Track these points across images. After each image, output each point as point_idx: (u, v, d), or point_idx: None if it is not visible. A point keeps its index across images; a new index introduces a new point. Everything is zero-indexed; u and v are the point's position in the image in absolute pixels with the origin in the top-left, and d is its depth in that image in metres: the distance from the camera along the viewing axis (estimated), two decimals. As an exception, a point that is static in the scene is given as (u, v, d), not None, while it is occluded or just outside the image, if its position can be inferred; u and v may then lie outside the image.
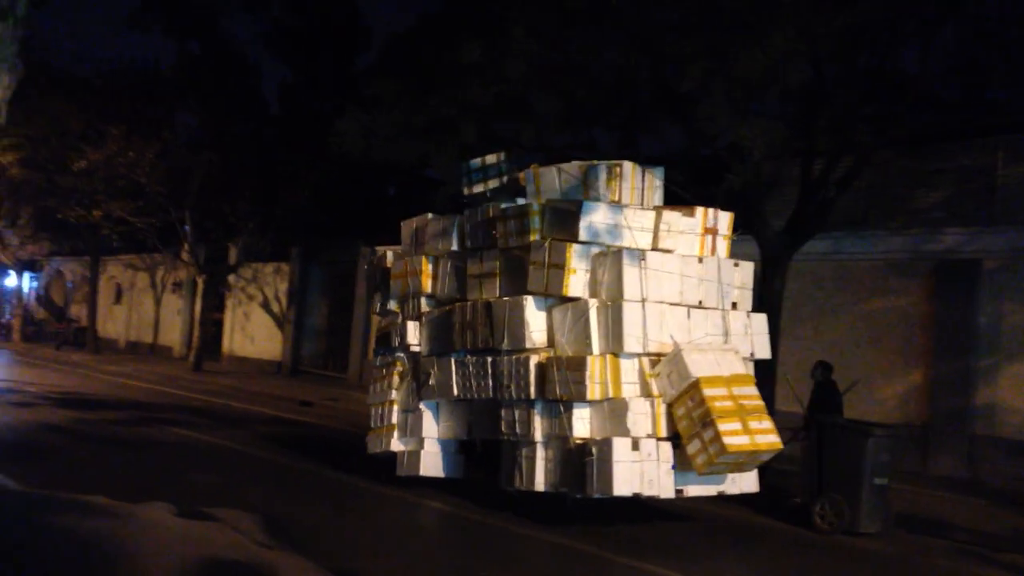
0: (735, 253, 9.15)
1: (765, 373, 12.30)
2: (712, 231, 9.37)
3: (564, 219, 8.74)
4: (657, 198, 9.50)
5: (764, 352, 9.38)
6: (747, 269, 9.51)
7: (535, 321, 8.71)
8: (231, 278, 28.54)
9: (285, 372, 26.08)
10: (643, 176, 9.34)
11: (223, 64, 24.62)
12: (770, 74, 10.84)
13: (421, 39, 15.69)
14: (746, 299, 9.40)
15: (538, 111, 12.09)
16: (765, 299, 12.63)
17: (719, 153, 12.19)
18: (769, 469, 10.87)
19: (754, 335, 9.27)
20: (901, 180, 14.73)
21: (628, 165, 9.24)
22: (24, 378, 20.68)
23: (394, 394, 10.10)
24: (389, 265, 10.73)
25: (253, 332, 28.61)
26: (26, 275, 40.25)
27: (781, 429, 8.64)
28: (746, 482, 8.88)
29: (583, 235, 8.56)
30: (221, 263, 27.41)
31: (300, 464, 11.13)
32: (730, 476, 8.66)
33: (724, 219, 9.53)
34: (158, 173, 24.84)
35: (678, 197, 11.11)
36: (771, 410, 12.09)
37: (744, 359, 8.97)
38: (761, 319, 9.42)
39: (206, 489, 9.21)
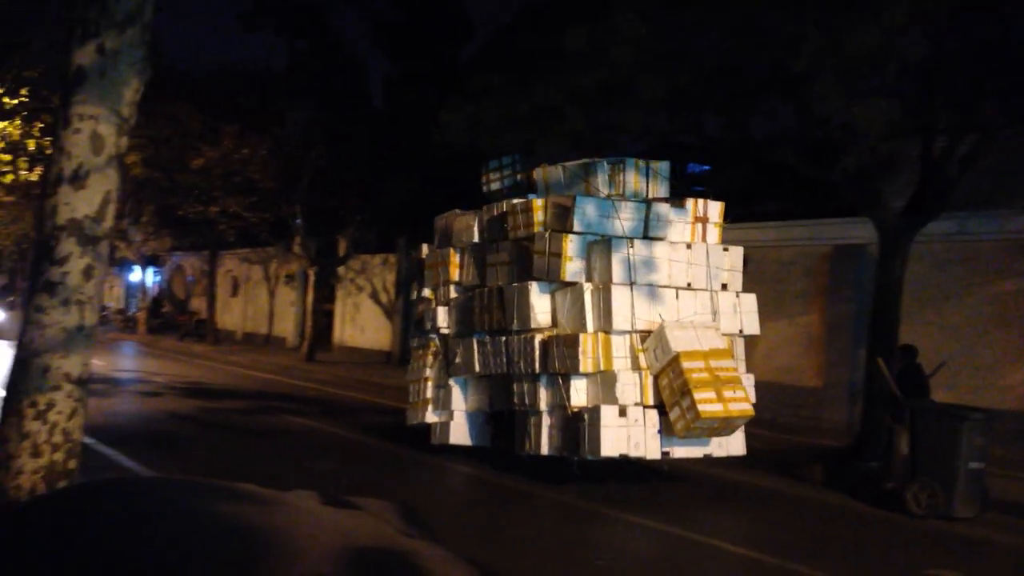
0: (850, 235, 9.03)
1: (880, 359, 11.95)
2: (702, 220, 10.25)
3: (561, 212, 9.88)
4: (663, 190, 10.55)
5: (753, 328, 10.24)
6: (737, 253, 10.36)
7: (539, 304, 9.83)
8: (341, 270, 29.24)
9: (394, 361, 26.56)
10: (648, 171, 10.48)
11: (331, 61, 25.19)
12: (885, 51, 10.45)
13: (524, 28, 15.71)
14: (736, 280, 10.28)
15: (644, 96, 11.95)
16: (884, 282, 12.24)
17: (833, 133, 11.83)
18: (866, 454, 11.08)
19: (743, 313, 10.18)
20: (1030, 156, 13.98)
21: (630, 161, 10.43)
22: (151, 369, 21.71)
23: (428, 372, 11.29)
24: (424, 257, 11.97)
25: (363, 322, 29.28)
26: (150, 270, 42.18)
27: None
28: (733, 445, 9.91)
29: (577, 226, 9.63)
30: (331, 255, 28.10)
31: (408, 451, 11.34)
32: (716, 440, 9.69)
33: (714, 208, 10.34)
34: (270, 169, 25.65)
35: (793, 178, 10.83)
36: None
37: (734, 335, 10.06)
38: (750, 299, 10.29)
39: (326, 475, 9.49)
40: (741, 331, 10.18)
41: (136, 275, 42.81)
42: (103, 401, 13.71)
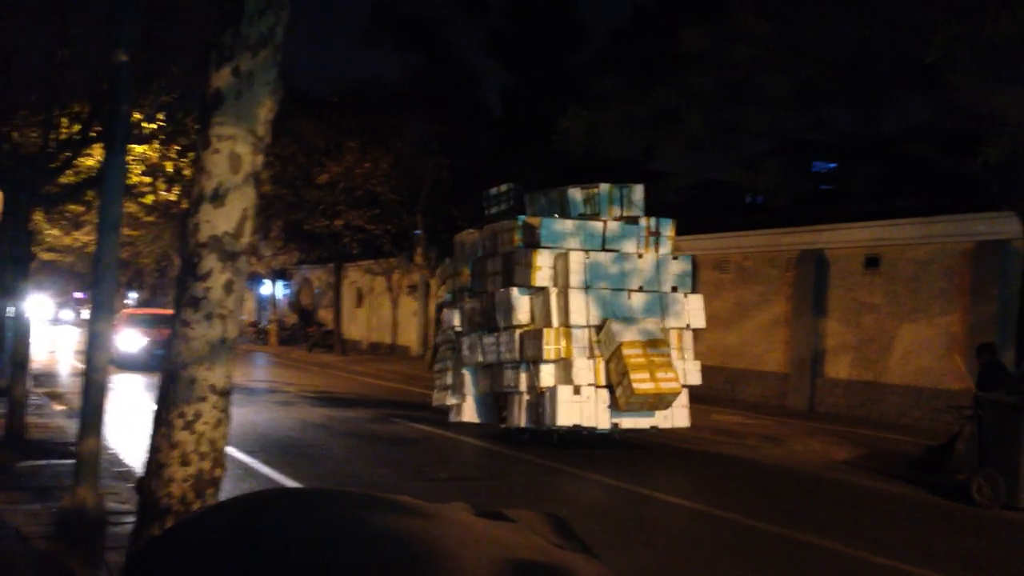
0: (993, 230, 9.19)
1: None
2: (655, 233, 12.56)
3: (532, 231, 12.25)
4: (637, 210, 12.66)
5: (699, 323, 12.64)
6: (686, 261, 12.78)
7: (519, 305, 12.14)
8: (461, 279, 29.53)
9: (516, 369, 26.64)
10: (621, 193, 12.64)
11: (448, 73, 25.56)
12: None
13: (640, 31, 15.56)
14: (685, 283, 12.66)
15: (767, 94, 11.65)
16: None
17: (970, 125, 11.27)
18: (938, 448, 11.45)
19: (690, 311, 12.56)
20: None
21: (604, 186, 12.61)
22: (283, 379, 22.47)
23: (448, 363, 13.71)
24: (447, 268, 14.61)
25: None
26: (279, 283, 43.70)
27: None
28: (677, 419, 12.24)
29: (543, 242, 12.08)
30: (452, 265, 28.44)
31: (535, 458, 11.35)
32: (661, 414, 11.98)
33: (666, 224, 12.66)
34: (392, 182, 26.19)
35: (928, 173, 10.32)
36: None
37: (682, 329, 12.46)
38: (697, 298, 12.77)
39: (449, 483, 9.58)
40: (688, 325, 12.53)
41: (266, 289, 44.42)
42: (239, 410, 14.13)
